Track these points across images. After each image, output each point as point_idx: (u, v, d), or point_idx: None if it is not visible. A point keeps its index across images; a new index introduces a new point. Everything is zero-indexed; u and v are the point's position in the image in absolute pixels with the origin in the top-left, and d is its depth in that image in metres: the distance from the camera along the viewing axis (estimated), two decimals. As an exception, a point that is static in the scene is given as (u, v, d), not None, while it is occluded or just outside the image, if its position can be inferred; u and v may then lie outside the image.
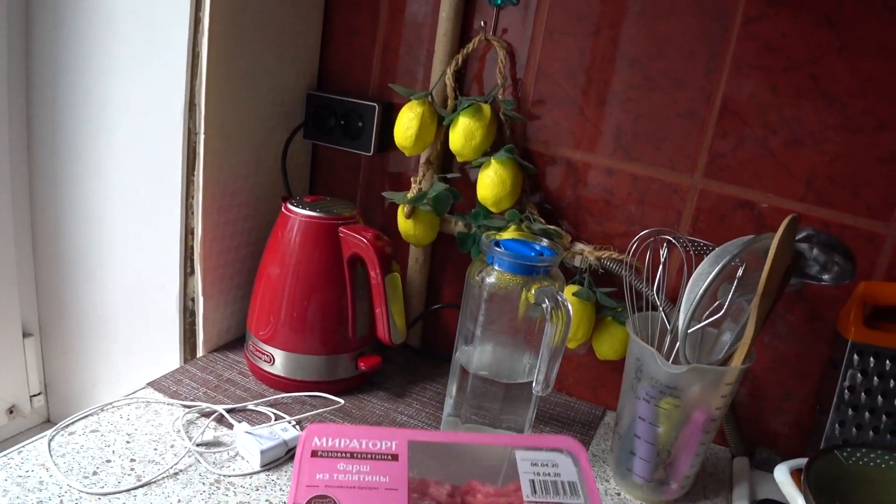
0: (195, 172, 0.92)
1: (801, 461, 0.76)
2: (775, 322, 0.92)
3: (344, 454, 0.63)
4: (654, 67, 0.90)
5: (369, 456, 0.63)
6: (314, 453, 0.62)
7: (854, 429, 0.85)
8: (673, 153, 0.91)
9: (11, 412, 1.11)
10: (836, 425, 0.85)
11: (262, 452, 0.79)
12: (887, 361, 0.83)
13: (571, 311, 0.77)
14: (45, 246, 1.08)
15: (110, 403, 0.86)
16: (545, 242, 0.85)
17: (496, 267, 0.81)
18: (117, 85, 0.94)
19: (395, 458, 0.63)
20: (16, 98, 1.00)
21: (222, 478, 0.77)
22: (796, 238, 0.79)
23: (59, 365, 1.14)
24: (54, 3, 0.95)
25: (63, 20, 0.95)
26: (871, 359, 0.83)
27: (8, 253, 1.05)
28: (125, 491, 0.72)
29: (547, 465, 0.64)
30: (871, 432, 0.84)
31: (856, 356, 0.84)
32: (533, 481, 0.62)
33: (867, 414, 0.84)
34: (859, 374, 0.84)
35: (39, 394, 1.15)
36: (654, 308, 0.86)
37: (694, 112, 0.89)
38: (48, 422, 0.90)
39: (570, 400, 1.04)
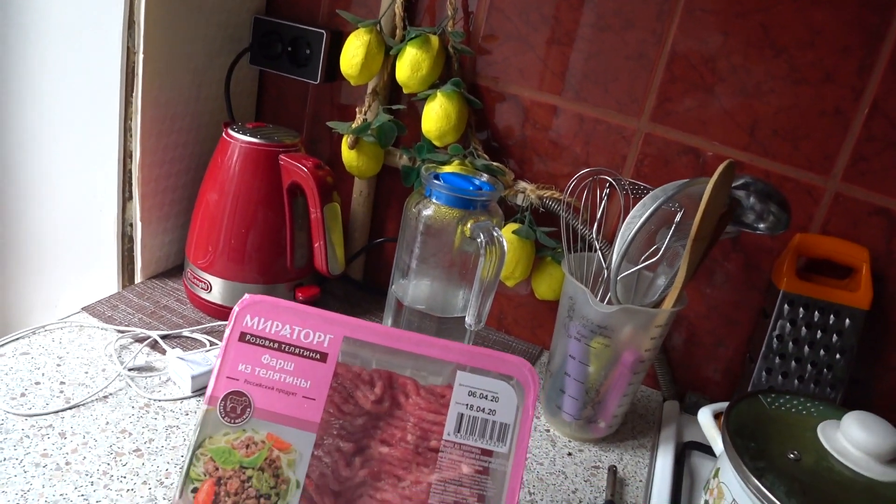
0: (134, 93, 0.90)
1: (725, 405, 0.78)
2: (713, 271, 0.92)
3: (272, 343, 0.60)
4: (606, 7, 0.88)
5: (297, 351, 0.60)
6: (242, 336, 0.60)
7: (780, 377, 0.87)
8: (620, 95, 0.90)
9: (-56, 333, 1.09)
10: (764, 373, 0.87)
11: (193, 378, 0.79)
12: (816, 312, 0.85)
13: (506, 247, 0.77)
14: (-22, 164, 1.05)
15: (43, 326, 0.85)
16: (485, 178, 0.84)
17: (434, 200, 0.80)
18: (52, 3, 0.90)
19: (323, 358, 0.60)
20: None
21: (152, 402, 0.77)
22: (734, 185, 0.80)
23: (-6, 288, 1.12)
24: None
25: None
26: (801, 309, 0.85)
27: (-61, 169, 1.02)
28: (53, 413, 0.72)
29: (486, 396, 0.61)
30: (796, 381, 0.86)
31: (786, 306, 0.85)
32: (461, 416, 0.61)
33: (793, 363, 0.86)
34: (788, 324, 0.85)
35: (-27, 316, 1.14)
36: (593, 249, 0.86)
37: (644, 54, 0.88)
38: (-16, 344, 0.90)
39: (509, 339, 1.05)
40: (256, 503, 0.56)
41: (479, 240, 0.77)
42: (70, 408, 0.73)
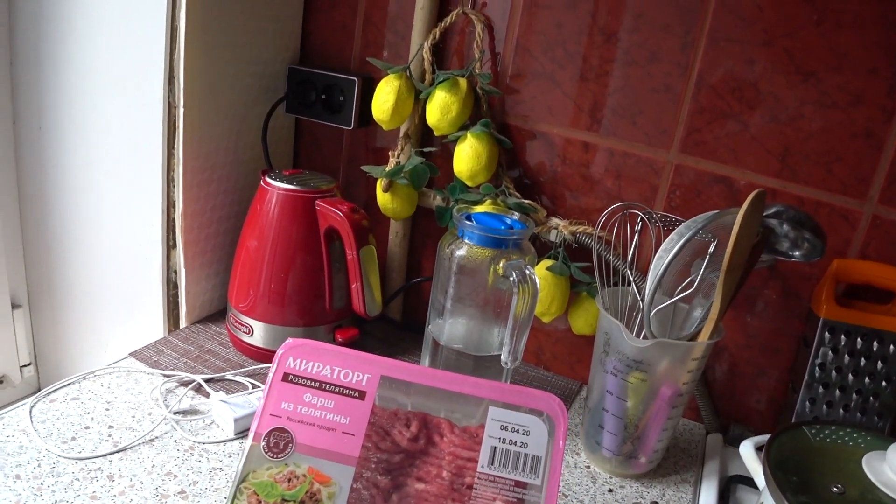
0: (175, 146, 0.93)
1: (768, 437, 0.77)
2: (751, 300, 0.92)
3: (313, 383, 0.63)
4: (630, 41, 0.89)
5: (337, 389, 0.63)
6: (286, 377, 0.63)
7: (825, 406, 0.85)
8: (649, 128, 0.91)
9: (2, 382, 1.13)
10: (807, 402, 0.85)
11: (236, 420, 0.81)
12: (858, 339, 0.83)
13: (538, 284, 0.78)
14: (32, 220, 1.10)
15: (92, 372, 0.88)
16: (516, 216, 0.85)
17: (466, 240, 0.82)
18: (99, 59, 0.95)
19: (362, 396, 0.63)
20: (0, 75, 1.01)
21: (196, 444, 0.79)
22: (767, 214, 0.79)
23: (47, 335, 1.17)
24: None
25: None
26: (843, 337, 0.83)
27: (-5, 225, 1.07)
28: (101, 456, 0.74)
29: (518, 430, 0.63)
30: (841, 410, 0.84)
31: (827, 334, 0.83)
32: (494, 449, 0.62)
33: (837, 392, 0.84)
34: (830, 352, 0.84)
35: (29, 364, 1.18)
36: (628, 283, 0.86)
37: (670, 87, 0.88)
38: (38, 392, 0.93)
39: (548, 374, 1.05)
40: None
41: (511, 278, 0.77)
42: (118, 451, 0.76)
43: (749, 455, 0.77)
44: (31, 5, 0.97)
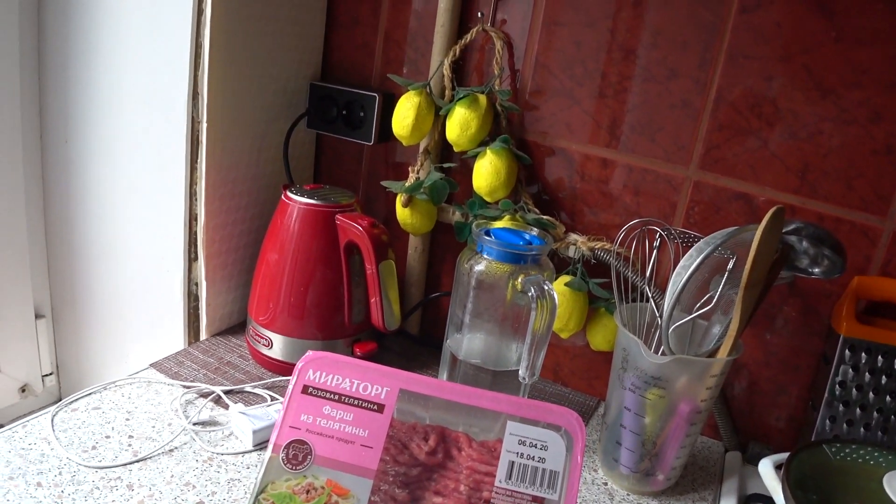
0: (198, 160, 0.95)
1: (787, 455, 0.76)
2: (771, 317, 0.91)
3: (332, 395, 0.64)
4: (649, 58, 0.89)
5: (356, 402, 0.63)
6: (305, 389, 0.64)
7: (845, 425, 0.84)
8: (668, 144, 0.91)
9: (24, 391, 1.15)
10: (827, 421, 0.85)
11: (255, 432, 0.81)
12: (879, 357, 0.82)
13: (557, 300, 0.78)
14: (56, 231, 1.12)
15: (113, 382, 0.89)
16: (535, 232, 0.86)
17: (485, 255, 0.82)
18: (125, 75, 0.97)
19: (380, 409, 0.63)
20: (28, 88, 1.04)
21: (215, 455, 0.79)
22: (786, 230, 0.79)
23: (69, 346, 1.18)
24: (64, -2, 0.98)
25: (72, 13, 0.98)
26: (863, 354, 0.83)
27: (21, 238, 1.09)
28: (121, 465, 0.75)
29: (535, 445, 0.63)
30: (861, 428, 0.84)
31: (847, 351, 0.83)
32: (512, 464, 0.62)
33: (858, 410, 0.83)
34: (851, 370, 0.83)
35: (51, 374, 1.20)
36: (647, 299, 0.86)
37: (688, 103, 0.89)
38: (60, 401, 0.95)
39: (566, 390, 1.05)
40: None
41: (530, 294, 0.78)
42: (138, 461, 0.76)
43: (768, 473, 0.77)
44: (60, 22, 1.00)
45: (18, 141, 1.04)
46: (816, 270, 0.79)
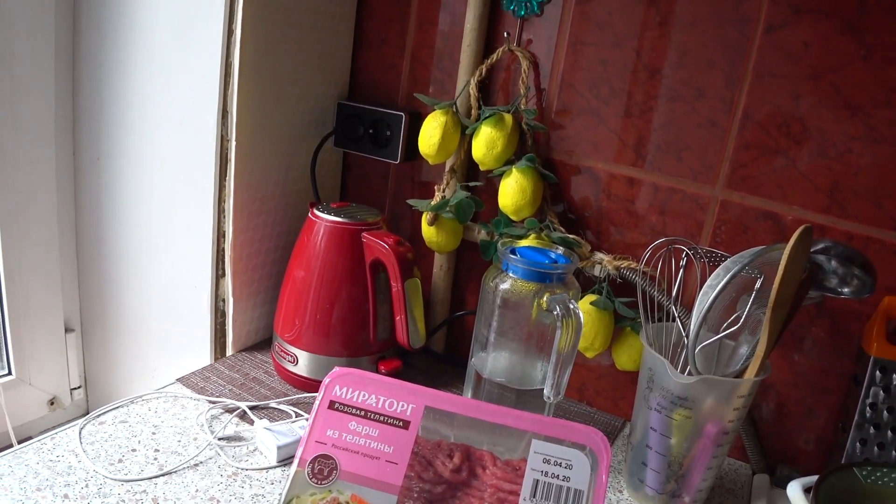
0: (227, 178, 0.96)
1: (816, 478, 0.75)
2: (799, 338, 0.90)
3: (358, 411, 0.65)
4: (675, 77, 0.89)
5: (382, 418, 0.64)
6: (331, 404, 0.65)
7: (876, 448, 0.83)
8: (694, 163, 0.91)
9: (52, 404, 1.16)
10: (858, 443, 0.83)
11: (279, 448, 0.82)
12: (911, 379, 0.81)
13: (582, 319, 0.78)
14: (87, 247, 1.14)
15: (140, 396, 0.90)
16: (561, 251, 0.86)
17: (510, 273, 0.82)
18: (156, 94, 0.99)
19: (406, 425, 0.64)
20: (62, 107, 1.06)
21: (240, 471, 0.80)
22: (814, 250, 0.78)
23: (98, 360, 1.20)
24: (98, 19, 1.01)
25: (106, 34, 1.01)
26: (895, 376, 0.81)
27: (52, 253, 1.11)
28: (147, 479, 0.76)
29: (560, 464, 0.63)
30: (893, 451, 0.82)
31: (878, 372, 0.82)
32: (536, 482, 0.62)
33: (890, 433, 0.82)
34: (882, 392, 0.82)
35: (79, 387, 1.21)
36: (673, 318, 0.85)
37: (715, 122, 0.88)
38: (87, 414, 0.96)
39: (591, 410, 1.04)
40: None
41: (555, 312, 0.78)
42: (163, 475, 0.77)
43: (797, 497, 0.75)
44: (93, 43, 1.02)
45: (52, 158, 1.06)
46: (846, 290, 0.78)
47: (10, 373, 1.10)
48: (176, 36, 0.94)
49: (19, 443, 0.93)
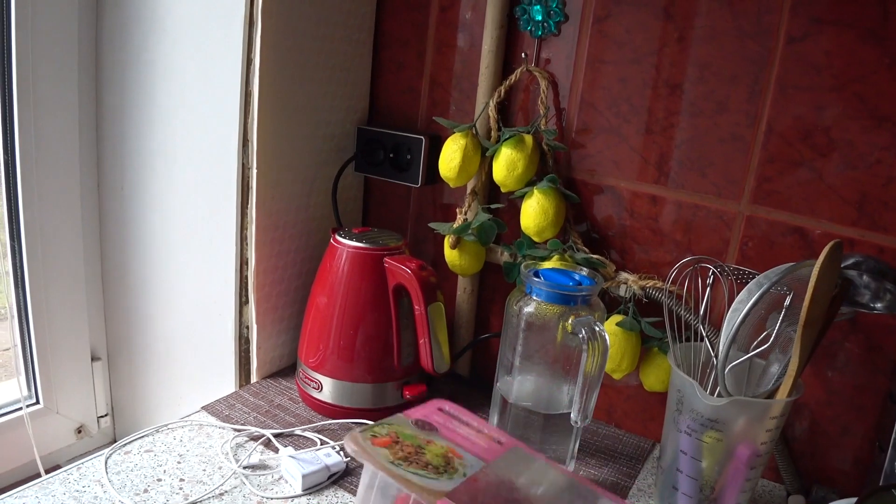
0: (249, 205, 0.97)
1: (854, 501, 0.73)
2: (832, 354, 0.88)
3: (461, 421, 0.67)
4: (696, 93, 0.88)
5: (480, 431, 0.66)
6: (440, 409, 0.68)
7: (916, 467, 0.80)
8: (718, 179, 0.89)
9: (80, 432, 1.17)
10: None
11: (304, 476, 0.81)
12: (950, 396, 0.79)
13: (608, 341, 0.77)
14: (112, 276, 1.15)
15: (165, 425, 0.90)
16: (585, 272, 0.85)
17: (534, 297, 0.81)
18: (178, 124, 1.00)
19: (499, 443, 0.66)
20: (86, 140, 1.08)
21: (265, 500, 0.79)
22: (845, 265, 0.76)
23: (125, 388, 1.20)
24: (120, 52, 1.03)
25: (128, 66, 1.02)
26: (933, 393, 0.79)
27: (78, 282, 1.12)
28: (172, 510, 0.76)
29: None
30: (935, 471, 0.80)
31: (915, 389, 0.79)
32: None
33: (930, 452, 0.80)
34: (920, 409, 0.79)
35: (106, 415, 1.22)
36: (701, 338, 0.84)
37: (738, 136, 0.87)
38: (114, 442, 0.97)
39: (620, 432, 1.02)
40: (424, 468, 0.58)
41: (580, 335, 0.76)
42: (188, 504, 0.77)
43: (835, 519, 0.73)
44: (116, 74, 1.04)
45: (77, 188, 1.08)
46: (879, 305, 0.76)
47: (37, 401, 1.11)
48: (195, 66, 0.96)
49: (47, 472, 0.93)
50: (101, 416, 1.21)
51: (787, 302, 0.74)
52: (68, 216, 1.08)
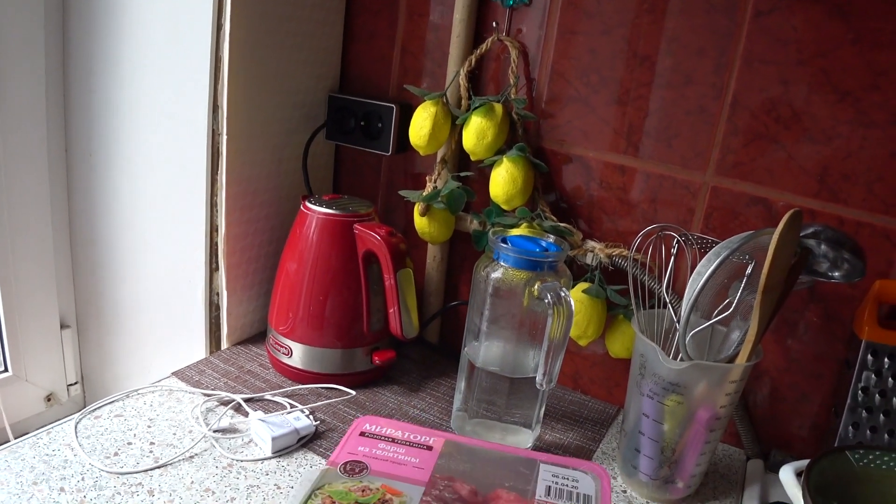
0: (219, 172, 0.96)
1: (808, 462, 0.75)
2: (792, 323, 0.90)
3: (386, 439, 0.72)
4: (664, 65, 0.89)
5: (408, 443, 0.72)
6: (362, 433, 0.72)
7: (868, 431, 0.83)
8: (684, 150, 0.91)
9: (49, 400, 1.17)
10: (850, 427, 0.83)
11: (274, 439, 0.82)
12: (903, 362, 0.81)
13: (573, 306, 0.78)
14: (81, 243, 1.14)
15: (136, 390, 0.91)
16: (552, 239, 0.86)
17: (502, 262, 0.82)
18: (146, 90, 0.99)
19: (429, 448, 0.71)
20: (53, 104, 1.06)
21: (235, 462, 0.80)
22: (804, 234, 0.78)
23: (94, 355, 1.20)
24: (88, 16, 1.01)
25: (96, 30, 1.01)
26: (886, 359, 0.81)
27: (47, 249, 1.11)
28: (143, 471, 0.76)
29: (568, 478, 0.69)
30: (886, 435, 0.82)
31: (870, 356, 0.82)
32: (549, 487, 0.67)
33: (882, 416, 0.82)
34: (873, 375, 0.82)
35: (76, 383, 1.21)
36: (665, 305, 0.86)
37: (705, 108, 0.88)
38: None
39: (585, 398, 1.04)
40: None
41: (546, 300, 0.78)
42: (158, 467, 0.77)
43: (789, 480, 0.75)
44: (83, 39, 1.02)
45: (44, 155, 1.07)
46: (836, 274, 0.78)
47: (6, 369, 1.11)
48: (165, 31, 0.94)
49: (16, 439, 0.93)
50: (71, 385, 1.21)
51: (749, 270, 0.76)
52: (36, 182, 1.07)
